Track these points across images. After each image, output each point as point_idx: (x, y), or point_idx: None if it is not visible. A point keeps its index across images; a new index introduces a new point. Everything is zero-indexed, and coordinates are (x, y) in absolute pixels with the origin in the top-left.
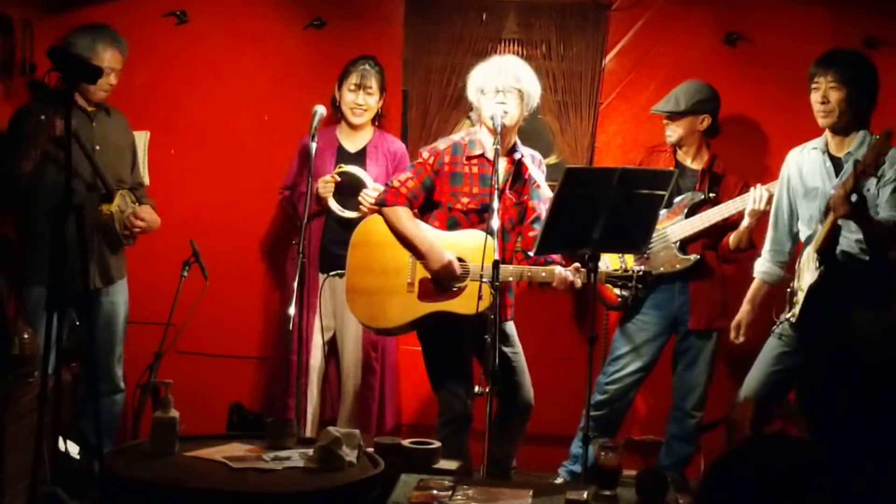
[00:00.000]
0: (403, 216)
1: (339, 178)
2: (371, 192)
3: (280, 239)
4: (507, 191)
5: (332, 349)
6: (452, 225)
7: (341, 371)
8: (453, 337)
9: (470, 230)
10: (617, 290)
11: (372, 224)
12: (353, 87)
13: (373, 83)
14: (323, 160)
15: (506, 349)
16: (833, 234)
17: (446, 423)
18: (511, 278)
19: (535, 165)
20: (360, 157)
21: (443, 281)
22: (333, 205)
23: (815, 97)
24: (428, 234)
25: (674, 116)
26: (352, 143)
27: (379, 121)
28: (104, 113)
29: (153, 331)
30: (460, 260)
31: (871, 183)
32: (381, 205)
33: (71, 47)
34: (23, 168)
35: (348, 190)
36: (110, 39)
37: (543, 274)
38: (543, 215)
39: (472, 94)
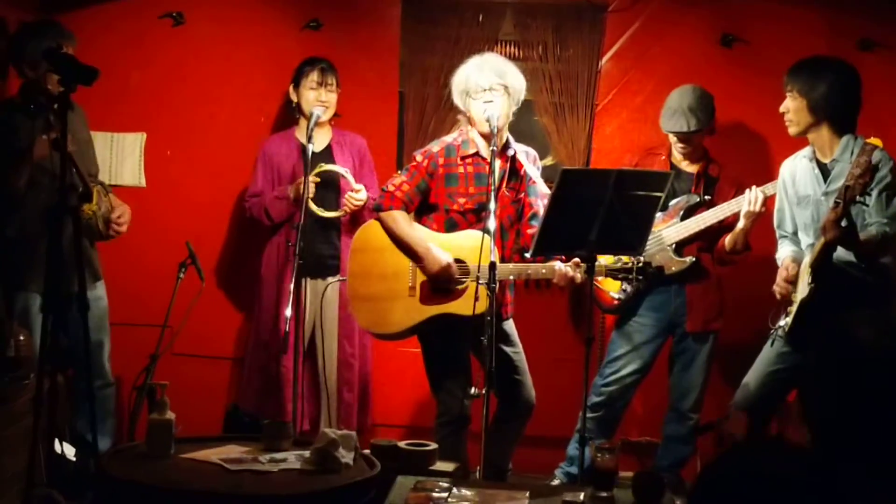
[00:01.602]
0: (400, 220)
1: (318, 179)
2: (356, 195)
3: (276, 240)
4: (504, 188)
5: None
6: (451, 226)
7: (325, 373)
8: (453, 338)
9: (468, 230)
10: (615, 292)
11: (370, 229)
12: (314, 85)
13: (332, 80)
14: (289, 163)
15: (507, 348)
16: (826, 252)
17: (444, 425)
18: (512, 277)
19: (530, 161)
20: (325, 156)
21: (442, 284)
22: (313, 205)
23: (783, 105)
24: (425, 238)
25: (688, 135)
26: (314, 143)
27: (335, 120)
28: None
29: (149, 332)
30: (459, 261)
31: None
32: (377, 210)
33: (20, 48)
34: (19, 183)
35: (324, 189)
36: (56, 34)
37: (544, 271)
38: (541, 212)
39: (457, 98)
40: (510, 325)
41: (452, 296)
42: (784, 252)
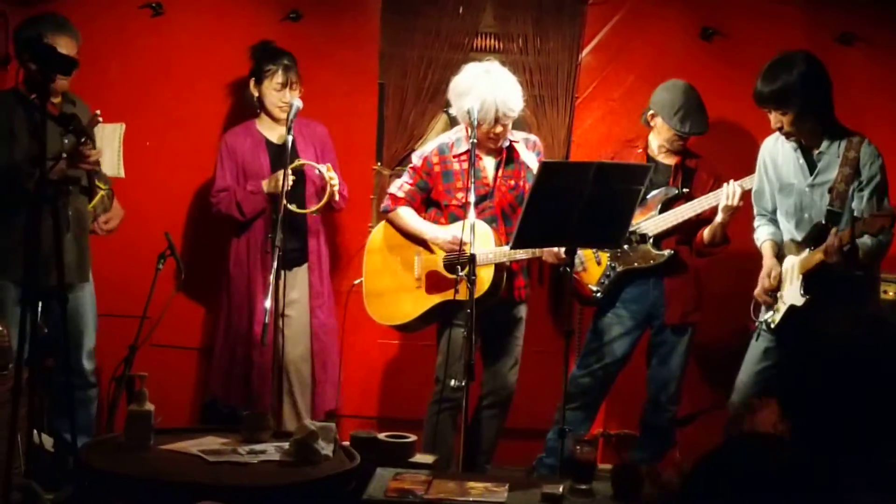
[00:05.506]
0: (405, 216)
1: (294, 176)
2: (332, 179)
3: (256, 232)
4: (500, 178)
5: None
6: (453, 221)
7: (292, 360)
8: (455, 323)
9: (466, 221)
10: (593, 284)
11: (381, 231)
12: (278, 87)
13: (296, 78)
14: (255, 156)
15: (517, 334)
16: (822, 267)
17: (437, 403)
18: (506, 260)
19: (530, 149)
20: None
21: (458, 256)
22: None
23: (771, 121)
24: (431, 224)
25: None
26: (276, 135)
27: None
28: (70, 105)
29: (128, 324)
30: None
31: (852, 186)
32: (384, 212)
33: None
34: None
35: (295, 185)
36: (57, 27)
37: (534, 251)
38: None
39: (460, 111)
40: (524, 310)
41: (453, 284)
42: (763, 234)
